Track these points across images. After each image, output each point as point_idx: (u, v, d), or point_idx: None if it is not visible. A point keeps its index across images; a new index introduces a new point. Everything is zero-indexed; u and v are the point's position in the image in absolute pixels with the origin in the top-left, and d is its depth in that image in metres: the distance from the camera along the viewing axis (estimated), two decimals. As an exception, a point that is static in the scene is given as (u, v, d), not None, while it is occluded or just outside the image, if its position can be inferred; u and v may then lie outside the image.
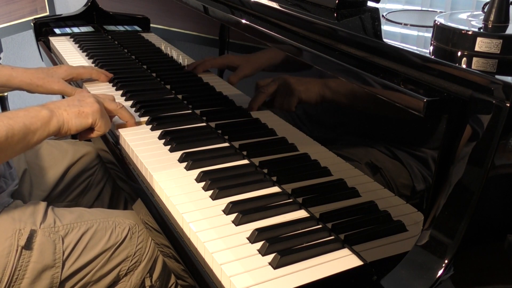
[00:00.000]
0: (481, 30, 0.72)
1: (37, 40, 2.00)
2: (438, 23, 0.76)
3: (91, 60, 1.71)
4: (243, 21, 1.07)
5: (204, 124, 1.27)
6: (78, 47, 1.84)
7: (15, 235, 1.03)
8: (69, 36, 1.95)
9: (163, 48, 1.59)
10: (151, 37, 1.69)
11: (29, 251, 1.04)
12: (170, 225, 0.95)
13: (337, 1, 0.97)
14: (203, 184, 1.01)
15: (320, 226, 0.90)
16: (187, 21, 1.44)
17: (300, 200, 0.95)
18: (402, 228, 0.79)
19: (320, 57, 0.87)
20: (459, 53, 0.73)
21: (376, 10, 1.00)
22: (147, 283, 1.19)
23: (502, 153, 0.65)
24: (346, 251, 0.85)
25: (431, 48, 0.77)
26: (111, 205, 1.51)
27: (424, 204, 0.73)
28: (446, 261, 0.67)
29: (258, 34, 1.03)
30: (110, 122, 1.17)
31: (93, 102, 1.10)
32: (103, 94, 1.22)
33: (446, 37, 0.74)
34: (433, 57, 0.73)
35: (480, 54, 0.71)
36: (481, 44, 0.70)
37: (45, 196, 1.34)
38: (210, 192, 0.98)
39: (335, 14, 0.96)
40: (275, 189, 1.01)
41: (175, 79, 1.50)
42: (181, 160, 1.10)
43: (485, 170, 0.65)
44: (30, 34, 2.50)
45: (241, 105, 1.17)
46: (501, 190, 0.69)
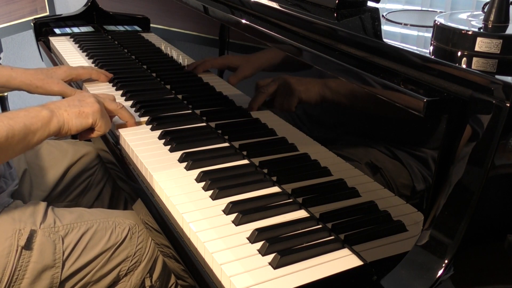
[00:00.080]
0: (481, 30, 0.72)
1: (37, 40, 2.00)
2: (438, 23, 0.76)
3: (91, 60, 1.71)
4: (243, 21, 1.07)
5: (204, 124, 1.27)
6: (78, 47, 1.84)
7: (15, 235, 1.03)
8: (69, 36, 1.95)
9: (163, 48, 1.59)
10: (151, 37, 1.69)
11: (29, 251, 1.04)
12: (170, 225, 0.95)
13: (337, 1, 0.97)
14: (203, 184, 1.01)
15: (320, 226, 0.90)
16: (187, 21, 1.44)
17: (300, 200, 0.95)
18: (402, 228, 0.79)
19: (320, 57, 0.87)
20: (459, 53, 0.73)
21: (376, 10, 1.00)
22: (147, 283, 1.19)
23: (502, 153, 0.65)
24: (346, 251, 0.85)
25: (431, 48, 0.77)
26: (111, 205, 1.51)
27: (424, 204, 0.73)
28: (446, 261, 0.67)
29: (258, 34, 1.03)
30: (111, 122, 1.18)
31: (94, 102, 1.10)
32: (104, 94, 1.22)
33: (446, 37, 0.74)
34: (433, 57, 0.73)
35: (480, 54, 0.71)
36: (481, 44, 0.70)
37: (45, 196, 1.34)
38: (210, 192, 0.98)
39: (335, 14, 0.96)
40: (275, 189, 1.01)
41: (175, 79, 1.50)
42: (181, 160, 1.10)
43: (485, 170, 0.65)
44: (30, 34, 2.50)
45: (241, 105, 1.17)
46: (501, 190, 0.69)
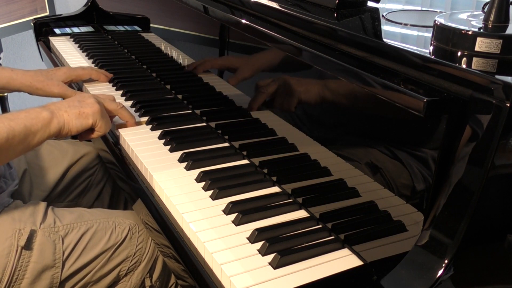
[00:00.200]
0: (481, 30, 0.72)
1: (37, 40, 2.00)
2: (438, 23, 0.76)
3: (91, 60, 1.71)
4: (243, 21, 1.07)
5: (204, 124, 1.27)
6: (78, 47, 1.84)
7: (15, 235, 1.03)
8: (69, 36, 1.95)
9: (163, 48, 1.59)
10: (151, 37, 1.69)
11: (29, 251, 1.04)
12: (170, 225, 0.95)
13: (337, 1, 0.97)
14: (203, 184, 1.01)
15: (320, 226, 0.90)
16: (187, 21, 1.44)
17: (300, 200, 0.95)
18: (402, 228, 0.79)
19: (320, 57, 0.87)
20: (459, 53, 0.73)
21: (376, 10, 1.00)
22: (147, 283, 1.19)
23: (502, 153, 0.65)
24: (346, 251, 0.85)
25: (431, 48, 0.77)
26: (111, 205, 1.51)
27: (424, 204, 0.73)
28: (446, 261, 0.67)
29: (258, 34, 1.03)
30: (111, 123, 1.18)
31: (94, 103, 1.10)
32: (103, 94, 1.22)
33: (446, 37, 0.74)
34: (433, 57, 0.73)
35: (480, 54, 0.71)
36: (481, 44, 0.70)
37: (45, 196, 1.34)
38: (210, 192, 0.98)
39: (335, 14, 0.96)
40: (275, 189, 1.01)
41: (175, 79, 1.50)
42: (181, 160, 1.10)
43: (485, 170, 0.65)
44: (30, 34, 2.50)
45: (241, 105, 1.17)
46: (501, 190, 0.69)
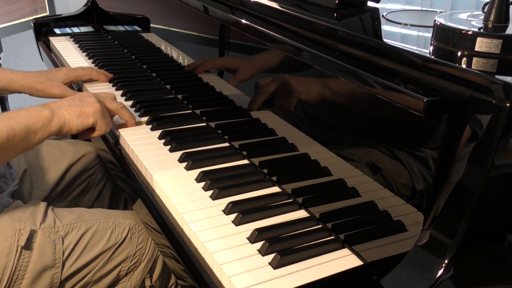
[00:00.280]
0: (481, 30, 0.72)
1: (37, 40, 2.00)
2: (438, 23, 0.76)
3: (91, 60, 1.71)
4: (243, 21, 1.07)
5: (204, 124, 1.27)
6: (78, 47, 1.84)
7: (15, 235, 1.03)
8: (69, 36, 1.95)
9: (163, 48, 1.59)
10: (151, 37, 1.69)
11: (29, 251, 1.04)
12: (170, 225, 0.95)
13: (337, 1, 0.97)
14: (203, 184, 1.01)
15: (320, 226, 0.90)
16: (187, 21, 1.44)
17: (300, 200, 0.95)
18: (402, 228, 0.79)
19: (320, 57, 0.87)
20: (459, 53, 0.73)
21: (376, 10, 1.00)
22: (147, 283, 1.19)
23: (502, 153, 0.65)
24: (346, 251, 0.85)
25: (431, 48, 0.77)
26: (111, 205, 1.51)
27: (424, 204, 0.73)
28: (446, 261, 0.67)
29: (258, 34, 1.03)
30: (111, 122, 1.18)
31: (94, 102, 1.10)
32: (104, 93, 1.22)
33: (446, 37, 0.74)
34: (433, 57, 0.73)
35: (480, 54, 0.71)
36: (481, 44, 0.70)
37: (45, 196, 1.34)
38: (210, 192, 0.98)
39: (335, 14, 0.96)
40: (275, 189, 1.01)
41: (175, 79, 1.50)
42: (181, 160, 1.10)
43: (485, 170, 0.65)
44: (30, 34, 2.50)
45: (241, 105, 1.17)
46: (501, 190, 0.69)
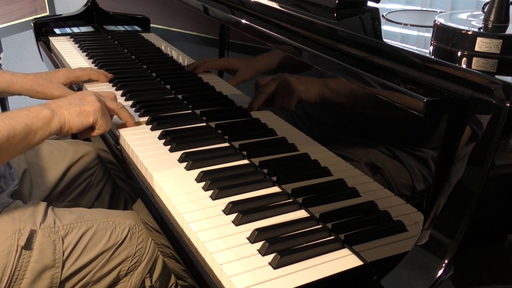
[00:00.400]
0: (481, 30, 0.72)
1: (37, 40, 2.00)
2: (438, 23, 0.76)
3: (91, 60, 1.71)
4: (243, 21, 1.07)
5: (204, 124, 1.27)
6: (78, 47, 1.84)
7: (15, 235, 1.03)
8: (69, 36, 1.95)
9: (163, 48, 1.59)
10: (151, 37, 1.69)
11: (29, 251, 1.04)
12: (170, 225, 0.95)
13: (337, 1, 0.97)
14: (203, 184, 1.01)
15: (320, 226, 0.90)
16: (187, 21, 1.44)
17: (300, 200, 0.95)
18: (402, 228, 0.79)
19: (320, 57, 0.87)
20: (459, 53, 0.73)
21: (376, 10, 1.00)
22: (147, 283, 1.19)
23: (502, 153, 0.65)
24: (346, 251, 0.85)
25: (431, 48, 0.77)
26: (111, 205, 1.51)
27: (424, 204, 0.73)
28: (446, 261, 0.67)
29: (258, 34, 1.03)
30: (111, 121, 1.18)
31: (94, 101, 1.10)
32: (104, 92, 1.22)
33: (446, 37, 0.74)
34: (433, 57, 0.73)
35: (480, 54, 0.71)
36: (481, 44, 0.70)
37: (45, 196, 1.34)
38: (210, 192, 0.98)
39: (335, 14, 0.96)
40: (275, 189, 1.01)
41: (175, 79, 1.50)
42: (181, 160, 1.10)
43: (485, 170, 0.65)
44: (30, 34, 2.50)
45: (241, 105, 1.17)
46: (501, 190, 0.69)
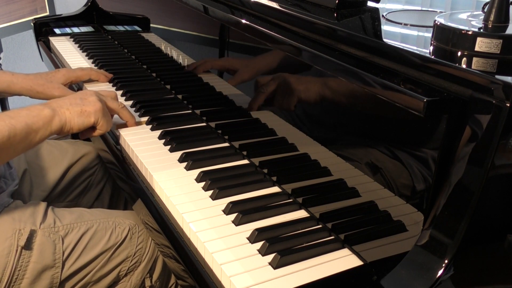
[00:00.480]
0: (481, 30, 0.72)
1: (37, 40, 2.00)
2: (438, 23, 0.76)
3: (91, 60, 1.71)
4: (243, 21, 1.07)
5: (204, 124, 1.27)
6: (78, 47, 1.84)
7: (15, 235, 1.03)
8: (69, 36, 1.95)
9: (163, 48, 1.59)
10: (151, 37, 1.69)
11: (29, 251, 1.04)
12: (170, 225, 0.95)
13: (337, 1, 0.97)
14: (203, 184, 1.01)
15: (320, 226, 0.90)
16: (187, 21, 1.44)
17: (300, 200, 0.95)
18: (402, 228, 0.79)
19: (320, 57, 0.87)
20: (459, 53, 0.73)
21: (376, 10, 1.00)
22: (147, 284, 1.19)
23: (502, 153, 0.65)
24: (346, 251, 0.85)
25: (431, 48, 0.77)
26: (111, 205, 1.51)
27: (424, 204, 0.73)
28: (446, 261, 0.67)
29: (258, 34, 1.03)
30: (112, 121, 1.17)
31: (96, 101, 1.10)
32: (105, 91, 1.22)
33: (446, 37, 0.74)
34: (433, 57, 0.73)
35: (480, 54, 0.71)
36: (481, 44, 0.70)
37: (45, 196, 1.34)
38: (210, 192, 0.98)
39: (335, 14, 0.96)
40: (275, 189, 1.01)
41: (175, 79, 1.50)
42: (181, 160, 1.10)
43: (485, 170, 0.65)
44: (30, 34, 2.50)
45: (241, 105, 1.17)
46: (501, 190, 0.69)
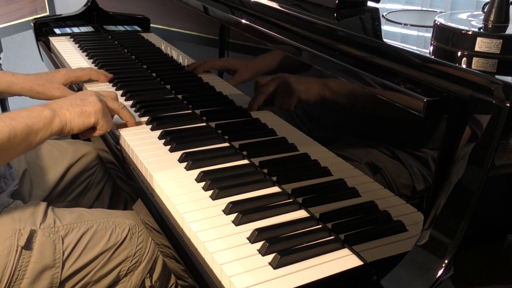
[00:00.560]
0: (481, 30, 0.72)
1: (37, 40, 2.00)
2: (438, 23, 0.76)
3: (91, 60, 1.71)
4: (243, 21, 1.07)
5: (204, 124, 1.27)
6: (78, 47, 1.84)
7: (15, 235, 1.03)
8: (69, 36, 1.95)
9: (163, 48, 1.59)
10: (151, 37, 1.69)
11: (29, 251, 1.04)
12: (170, 225, 0.95)
13: (337, 1, 0.97)
14: (203, 184, 1.01)
15: (320, 226, 0.90)
16: (187, 21, 1.44)
17: (300, 200, 0.95)
18: (402, 228, 0.79)
19: (320, 57, 0.87)
20: (459, 53, 0.73)
21: (376, 10, 1.00)
22: (147, 284, 1.19)
23: (502, 153, 0.65)
24: (346, 251, 0.85)
25: (431, 48, 0.77)
26: (111, 205, 1.51)
27: (424, 204, 0.73)
28: (446, 261, 0.67)
29: (258, 34, 1.03)
30: (112, 121, 1.17)
31: (96, 101, 1.10)
32: (105, 91, 1.22)
33: (446, 37, 0.74)
34: (433, 57, 0.73)
35: (480, 54, 0.71)
36: (481, 44, 0.70)
37: (45, 196, 1.34)
38: (210, 192, 0.98)
39: (335, 14, 0.96)
40: (275, 189, 1.01)
41: (175, 79, 1.50)
42: (181, 160, 1.10)
43: (485, 170, 0.65)
44: (30, 34, 2.50)
45: (241, 105, 1.17)
46: (501, 190, 0.69)
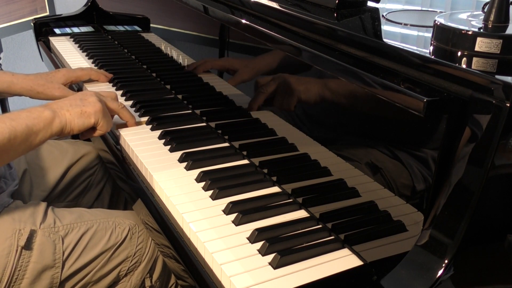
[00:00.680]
0: (481, 30, 0.72)
1: (37, 40, 2.00)
2: (438, 23, 0.76)
3: (91, 60, 1.71)
4: (243, 21, 1.07)
5: (204, 124, 1.27)
6: (78, 47, 1.84)
7: (15, 235, 1.03)
8: (69, 36, 1.95)
9: (163, 48, 1.59)
10: (151, 37, 1.69)
11: (29, 251, 1.04)
12: (170, 225, 0.95)
13: (337, 1, 0.97)
14: (203, 184, 1.01)
15: (320, 226, 0.90)
16: (187, 21, 1.44)
17: (300, 200, 0.95)
18: (402, 228, 0.79)
19: (320, 57, 0.87)
20: (459, 53, 0.73)
21: (376, 10, 1.00)
22: (147, 284, 1.19)
23: (502, 153, 0.65)
24: (346, 251, 0.85)
25: (431, 48, 0.77)
26: (111, 205, 1.51)
27: (424, 204, 0.73)
28: (446, 261, 0.67)
29: (258, 34, 1.03)
30: (112, 121, 1.17)
31: (96, 102, 1.10)
32: (105, 92, 1.22)
33: (446, 37, 0.74)
34: (433, 57, 0.73)
35: (480, 54, 0.71)
36: (481, 44, 0.70)
37: (45, 196, 1.34)
38: (210, 192, 0.98)
39: (335, 14, 0.96)
40: (275, 189, 1.01)
41: (175, 79, 1.50)
42: (181, 160, 1.10)
43: (485, 170, 0.65)
44: (30, 34, 2.50)
45: (241, 105, 1.17)
46: (501, 190, 0.69)
